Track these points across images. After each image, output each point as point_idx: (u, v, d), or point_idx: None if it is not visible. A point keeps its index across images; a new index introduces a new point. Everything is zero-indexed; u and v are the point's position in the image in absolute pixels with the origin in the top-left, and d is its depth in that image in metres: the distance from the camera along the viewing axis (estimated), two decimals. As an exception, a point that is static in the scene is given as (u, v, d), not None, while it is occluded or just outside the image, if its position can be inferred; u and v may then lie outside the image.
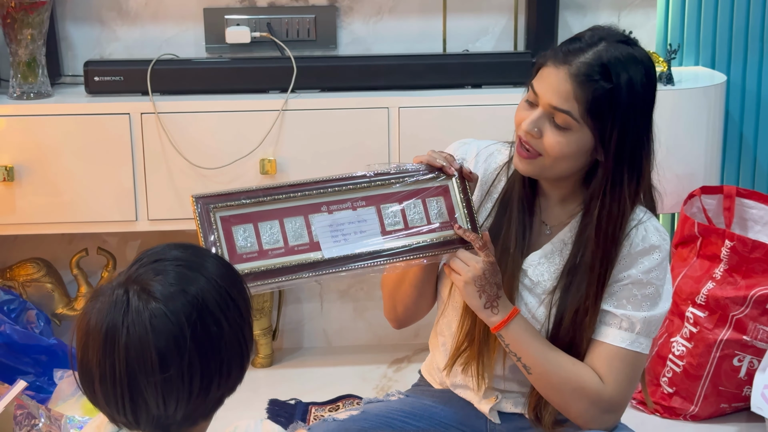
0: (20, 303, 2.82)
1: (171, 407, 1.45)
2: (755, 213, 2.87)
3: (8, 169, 2.64)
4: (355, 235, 2.01)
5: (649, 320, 2.01)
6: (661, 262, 2.03)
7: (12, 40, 2.68)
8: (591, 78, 1.92)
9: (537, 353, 2.00)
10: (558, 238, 2.08)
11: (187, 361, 1.43)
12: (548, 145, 1.95)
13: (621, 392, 2.01)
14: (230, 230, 1.96)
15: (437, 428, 2.14)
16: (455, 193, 2.07)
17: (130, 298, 1.43)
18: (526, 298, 2.07)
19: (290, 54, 2.78)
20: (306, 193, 2.01)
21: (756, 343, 2.61)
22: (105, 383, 1.44)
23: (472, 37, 2.99)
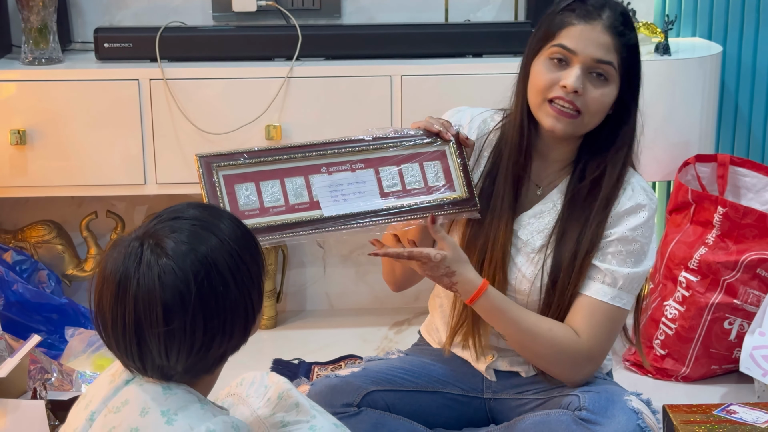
0: (32, 263, 2.85)
1: (173, 358, 1.48)
2: (748, 181, 2.88)
3: (20, 133, 2.66)
4: (353, 196, 2.03)
5: (632, 277, 2.04)
6: (647, 220, 2.07)
7: (24, 7, 2.68)
8: (621, 29, 2.00)
9: (508, 323, 2.03)
10: (549, 198, 2.12)
11: (190, 317, 1.45)
12: (591, 99, 1.99)
13: (598, 345, 2.05)
14: (233, 188, 1.98)
15: (435, 385, 2.17)
16: (452, 158, 2.10)
17: (143, 252, 1.47)
18: (516, 257, 2.09)
19: (295, 22, 2.79)
20: (306, 154, 2.04)
21: (746, 307, 2.63)
22: (116, 328, 1.49)
23: (473, 7, 3.00)
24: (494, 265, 2.09)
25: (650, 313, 2.75)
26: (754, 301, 2.63)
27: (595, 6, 2.01)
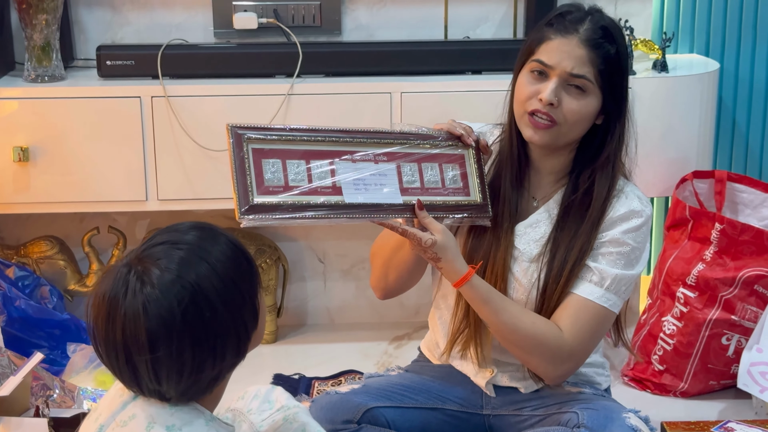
0: (34, 279, 2.83)
1: (163, 383, 1.47)
2: (746, 197, 2.87)
3: (23, 150, 2.65)
4: (375, 186, 2.04)
5: (620, 278, 2.05)
6: (640, 226, 2.08)
7: (27, 25, 2.68)
8: (599, 42, 2.01)
9: (491, 313, 2.03)
10: (544, 208, 2.13)
11: (176, 344, 1.45)
12: (567, 110, 2.01)
13: (580, 343, 2.05)
14: (260, 162, 1.97)
15: (435, 402, 2.17)
16: (470, 163, 2.12)
17: (130, 279, 1.47)
18: (513, 268, 2.11)
19: (296, 40, 2.78)
20: (333, 139, 2.05)
21: (744, 323, 2.62)
22: (108, 350, 1.49)
23: (472, 24, 2.99)
24: (495, 275, 2.10)
25: (648, 328, 2.74)
26: (752, 317, 2.62)
27: (574, 20, 2.04)
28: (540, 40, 2.05)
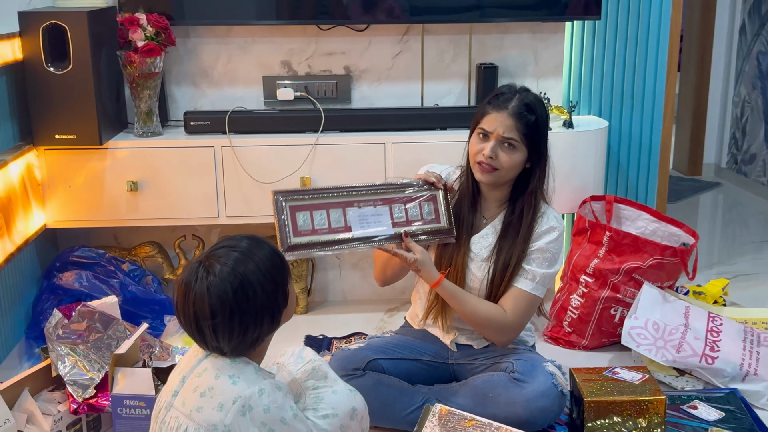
0: (141, 271, 2.86)
1: (220, 341, 1.52)
2: (626, 213, 2.90)
3: (133, 183, 2.67)
4: (374, 224, 2.08)
5: (546, 275, 2.10)
6: (557, 237, 2.11)
7: (136, 97, 2.71)
8: (522, 114, 2.03)
9: (458, 304, 2.08)
10: (492, 225, 2.16)
11: (228, 314, 1.49)
12: (503, 161, 2.04)
13: (519, 320, 2.10)
14: (294, 214, 2.03)
15: (415, 354, 2.22)
16: (440, 200, 2.14)
17: (199, 271, 1.51)
18: (470, 265, 2.14)
19: (320, 107, 2.78)
20: (344, 193, 2.09)
21: (626, 299, 2.64)
22: (184, 319, 1.54)
23: (440, 96, 2.99)
24: (457, 270, 2.14)
25: (561, 303, 2.74)
26: (631, 295, 2.64)
27: (505, 99, 2.05)
28: (483, 113, 2.08)
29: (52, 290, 2.64)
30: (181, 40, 2.87)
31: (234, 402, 1.48)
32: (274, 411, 1.50)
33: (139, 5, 2.70)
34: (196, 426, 1.50)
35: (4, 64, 2.44)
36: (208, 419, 1.49)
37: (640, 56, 3.05)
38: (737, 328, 2.51)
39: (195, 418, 1.50)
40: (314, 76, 2.95)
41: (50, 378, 2.13)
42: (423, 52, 2.96)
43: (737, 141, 4.81)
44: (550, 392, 2.04)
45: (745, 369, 2.38)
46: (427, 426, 2.01)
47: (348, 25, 2.86)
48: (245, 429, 1.48)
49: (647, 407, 2.06)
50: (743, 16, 4.70)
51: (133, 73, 2.66)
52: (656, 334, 2.46)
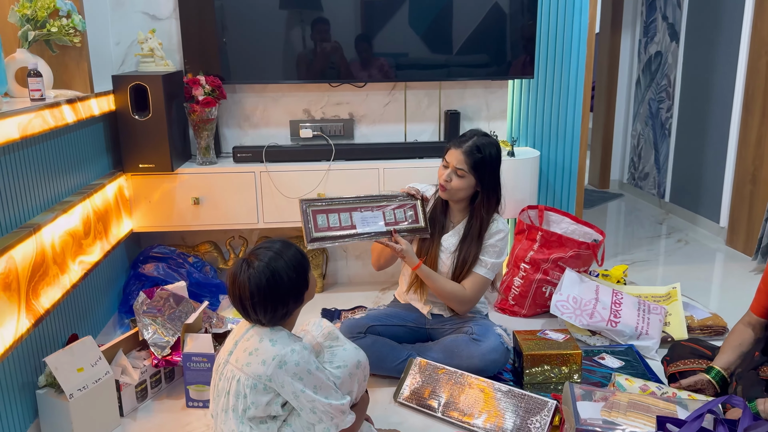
0: (202, 263, 2.85)
1: (259, 315, 1.52)
2: (553, 218, 2.89)
3: (196, 199, 2.66)
4: (372, 223, 2.07)
5: (495, 263, 2.11)
6: (503, 237, 2.12)
7: (198, 137, 2.71)
8: (472, 152, 2.03)
9: (432, 282, 2.07)
10: (457, 227, 2.16)
11: (263, 297, 1.49)
12: (454, 184, 2.05)
13: (475, 295, 2.10)
14: (315, 217, 2.03)
15: (402, 321, 2.21)
16: (419, 207, 2.14)
17: (242, 265, 1.51)
18: (441, 256, 2.13)
19: (331, 142, 2.80)
20: (351, 201, 2.08)
21: (553, 281, 2.64)
22: (233, 300, 1.54)
23: (418, 134, 2.97)
24: (431, 259, 2.13)
25: (507, 283, 2.73)
26: (557, 278, 2.64)
27: (464, 140, 2.05)
28: (448, 149, 2.09)
29: (137, 277, 2.66)
30: (230, 95, 2.87)
31: (273, 358, 1.48)
32: (303, 365, 1.49)
33: (199, 69, 2.71)
34: (246, 376, 1.51)
35: (102, 113, 2.46)
36: (255, 371, 1.50)
37: (562, 103, 3.06)
38: (633, 300, 2.53)
39: (245, 371, 1.51)
40: (327, 119, 2.95)
41: (137, 341, 2.16)
42: (406, 101, 2.96)
43: (635, 163, 4.84)
44: (499, 348, 2.05)
45: (639, 330, 2.40)
46: (410, 373, 2.08)
47: (351, 83, 2.86)
48: (282, 378, 1.48)
49: (569, 358, 2.09)
50: (638, 72, 4.75)
51: (196, 119, 2.67)
52: (575, 305, 2.47)
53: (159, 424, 1.97)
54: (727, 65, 3.66)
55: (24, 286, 1.77)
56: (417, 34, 2.74)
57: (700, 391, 1.87)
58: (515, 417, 1.82)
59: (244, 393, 1.51)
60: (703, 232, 3.91)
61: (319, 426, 1.52)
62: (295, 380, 1.48)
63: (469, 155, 2.03)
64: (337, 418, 1.52)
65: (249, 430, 1.52)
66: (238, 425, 1.52)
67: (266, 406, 1.50)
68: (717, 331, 2.47)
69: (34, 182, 1.93)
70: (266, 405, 1.50)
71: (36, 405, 1.86)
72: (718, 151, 3.78)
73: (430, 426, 1.91)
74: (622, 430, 1.55)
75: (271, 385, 1.49)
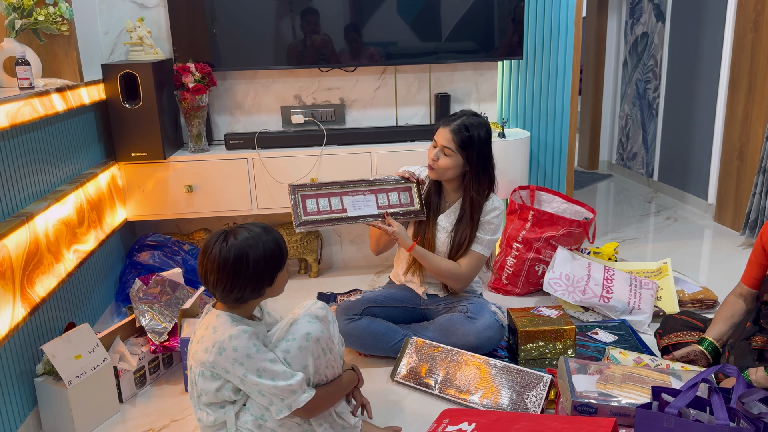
0: (197, 250, 2.80)
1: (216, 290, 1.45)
2: (544, 197, 2.87)
3: (189, 186, 2.64)
4: (364, 207, 2.05)
5: (490, 240, 2.09)
6: (499, 214, 2.09)
7: (189, 124, 2.67)
8: (460, 131, 1.99)
9: (427, 262, 2.06)
10: (453, 207, 2.13)
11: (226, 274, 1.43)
12: (441, 163, 2.01)
13: (471, 272, 2.08)
14: (304, 201, 2.01)
15: (397, 302, 2.20)
16: (414, 190, 2.12)
17: (218, 239, 1.45)
18: (438, 236, 2.10)
19: (323, 127, 2.77)
20: (343, 186, 2.06)
21: (545, 259, 2.64)
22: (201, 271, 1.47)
23: (409, 117, 2.96)
24: (428, 240, 2.11)
25: (500, 262, 2.72)
26: (549, 256, 2.64)
27: (451, 119, 2.01)
28: (437, 128, 2.07)
29: (133, 265, 2.64)
30: (221, 82, 2.84)
31: (213, 345, 1.45)
32: (241, 350, 1.43)
33: (188, 57, 2.67)
34: (195, 364, 1.50)
35: (93, 102, 2.42)
36: (200, 359, 1.48)
37: (551, 84, 3.05)
38: (625, 276, 2.52)
39: (194, 359, 1.50)
40: (318, 105, 2.92)
41: (134, 328, 2.14)
42: (396, 85, 2.94)
43: (623, 144, 4.84)
44: (493, 326, 2.04)
45: (631, 305, 2.40)
46: (407, 353, 2.07)
47: (341, 68, 2.84)
48: (223, 364, 1.44)
49: (563, 334, 2.08)
50: (625, 53, 4.73)
51: (187, 107, 2.64)
52: (567, 282, 2.46)
53: (158, 409, 1.95)
54: (713, 44, 3.64)
55: (18, 274, 1.74)
56: (406, 19, 2.72)
57: (693, 362, 1.87)
58: (511, 392, 1.82)
59: (194, 380, 1.50)
60: (692, 210, 3.92)
61: (273, 408, 1.46)
62: (235, 366, 1.43)
63: (457, 134, 1.99)
64: (288, 398, 1.45)
65: (206, 415, 1.50)
66: (196, 411, 1.52)
67: (217, 392, 1.47)
68: (708, 304, 2.48)
69: (25, 171, 1.89)
70: (216, 391, 1.47)
71: (35, 393, 1.84)
72: (705, 129, 3.77)
73: (427, 404, 1.90)
74: (617, 401, 1.55)
75: (216, 372, 1.46)
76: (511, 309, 2.20)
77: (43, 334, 1.94)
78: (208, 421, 1.50)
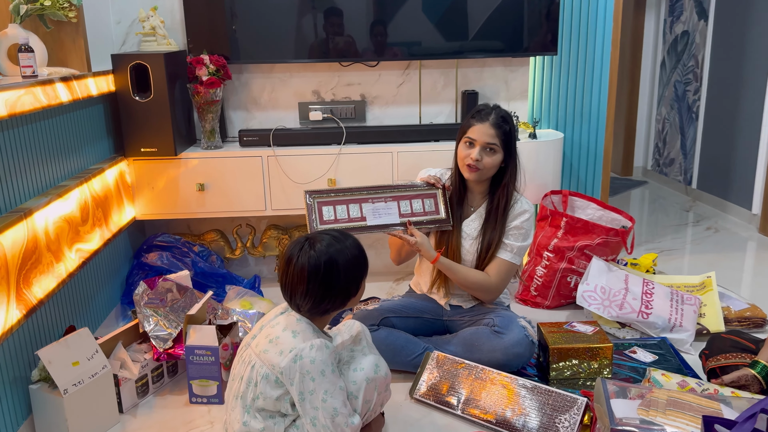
0: (208, 252, 2.83)
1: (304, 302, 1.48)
2: (578, 203, 2.84)
3: (201, 185, 2.63)
4: (385, 215, 2.03)
5: (521, 247, 2.05)
6: (528, 218, 2.06)
7: (202, 119, 2.67)
8: (500, 124, 1.98)
9: (453, 274, 2.04)
10: (478, 212, 2.11)
11: (317, 285, 1.45)
12: (486, 163, 1.99)
13: (501, 282, 2.06)
14: (321, 208, 1.98)
15: (418, 313, 2.17)
16: (439, 196, 2.09)
17: (304, 245, 1.48)
18: (464, 244, 2.08)
19: (342, 125, 2.75)
20: (361, 192, 2.04)
21: (579, 270, 2.59)
22: (284, 281, 1.50)
23: (434, 116, 2.93)
24: (453, 249, 2.08)
25: (529, 272, 2.68)
26: (583, 267, 2.59)
27: (486, 113, 2.00)
28: (469, 125, 2.02)
29: (140, 267, 2.61)
30: (236, 75, 2.83)
31: (291, 350, 1.44)
32: (318, 364, 1.43)
33: (203, 48, 2.65)
34: (261, 363, 1.48)
35: (101, 94, 2.39)
36: (270, 360, 1.46)
37: (587, 83, 2.99)
38: (665, 290, 2.45)
39: (262, 358, 1.48)
40: (337, 101, 2.90)
41: (138, 334, 2.11)
42: (420, 82, 2.91)
43: (659, 149, 4.71)
44: (523, 341, 1.99)
45: (672, 322, 2.32)
46: (427, 368, 2.01)
47: (363, 63, 2.82)
48: (293, 373, 1.43)
49: (598, 352, 2.01)
50: (663, 53, 4.60)
51: (200, 101, 2.62)
52: (603, 296, 2.40)
53: (160, 421, 1.89)
54: (760, 43, 3.52)
55: (14, 274, 1.67)
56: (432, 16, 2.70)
57: (744, 387, 1.76)
58: (542, 415, 1.72)
59: (255, 381, 1.48)
60: (734, 220, 3.78)
61: None
62: (305, 379, 1.43)
63: (499, 128, 1.98)
64: None
65: (254, 420, 1.47)
66: (243, 414, 1.49)
67: (276, 401, 1.46)
68: (756, 323, 2.35)
69: (25, 164, 1.85)
70: (276, 399, 1.46)
71: (29, 401, 1.78)
72: (750, 134, 3.64)
73: (449, 424, 1.84)
74: (662, 430, 1.43)
75: (282, 379, 1.45)
76: (542, 323, 2.14)
77: (40, 338, 1.88)
78: (256, 427, 1.48)
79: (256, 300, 2.44)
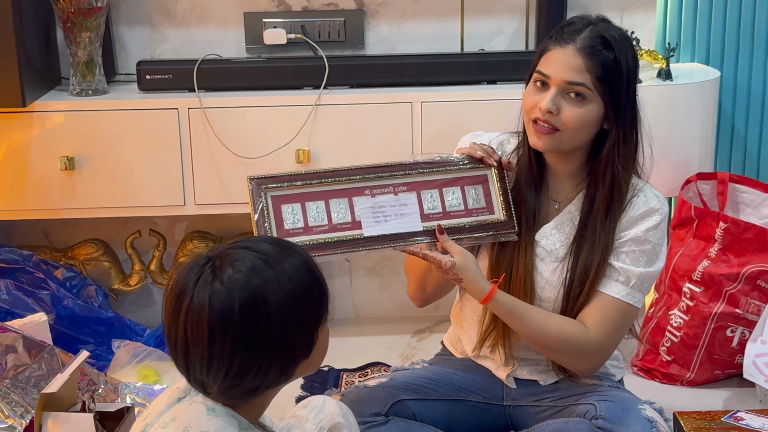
0: (81, 279, 2.80)
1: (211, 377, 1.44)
2: (746, 197, 2.81)
3: (69, 159, 2.62)
4: (395, 217, 2.00)
5: (645, 276, 2.01)
6: (659, 223, 2.03)
7: (72, 42, 2.65)
8: (596, 49, 1.94)
9: (518, 323, 2.00)
10: (567, 210, 2.08)
11: (229, 343, 1.41)
12: (567, 118, 1.95)
13: (607, 338, 2.01)
14: (279, 208, 1.96)
15: (458, 393, 2.13)
16: (493, 182, 2.07)
17: (205, 270, 1.44)
18: (540, 266, 2.06)
19: (322, 53, 2.74)
20: (351, 177, 2.01)
21: (747, 316, 2.56)
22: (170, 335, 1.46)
23: (487, 38, 2.93)
24: (519, 278, 2.06)
25: (656, 321, 2.68)
26: (755, 310, 2.56)
27: (572, 31, 1.99)
28: (542, 52, 2.02)
29: (-46, 306, 2.61)
30: (133, -35, 2.84)
31: None
32: None
33: None
34: None
35: None
36: None
37: None
38: None
39: None
40: (314, 11, 2.91)
41: (-51, 427, 2.12)
42: (462, -22, 2.91)
43: None
44: None
45: None
46: None
47: None
48: None
49: None
50: None
51: (67, 8, 2.62)
52: None
53: None
54: None
55: None
56: None
57: None
58: None
59: None
60: None
61: None
62: None
63: (593, 55, 1.95)
64: None
65: None
66: None
67: None
68: None
69: None
70: None
71: None
72: None
73: None
74: None
75: None
76: (682, 414, 2.17)
77: None
78: None
79: (165, 366, 2.41)
